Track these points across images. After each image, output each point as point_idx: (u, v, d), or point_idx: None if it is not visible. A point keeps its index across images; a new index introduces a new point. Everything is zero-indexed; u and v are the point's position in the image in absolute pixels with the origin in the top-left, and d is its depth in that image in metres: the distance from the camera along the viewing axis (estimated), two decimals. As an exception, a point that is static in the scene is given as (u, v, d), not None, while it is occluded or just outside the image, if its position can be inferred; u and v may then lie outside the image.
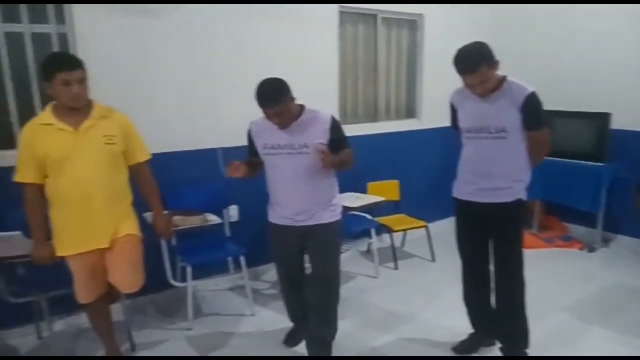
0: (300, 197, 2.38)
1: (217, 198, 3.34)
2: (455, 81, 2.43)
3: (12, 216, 2.62)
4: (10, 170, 2.25)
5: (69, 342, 2.84)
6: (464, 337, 2.75)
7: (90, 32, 2.86)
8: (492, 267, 2.53)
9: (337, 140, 2.34)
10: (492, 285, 2.56)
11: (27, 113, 2.79)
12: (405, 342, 2.86)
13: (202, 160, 3.36)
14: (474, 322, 2.71)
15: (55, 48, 2.86)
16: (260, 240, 3.33)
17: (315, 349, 2.56)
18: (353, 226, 3.73)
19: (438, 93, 4.44)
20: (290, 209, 2.42)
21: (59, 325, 2.97)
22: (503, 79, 2.31)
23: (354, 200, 3.55)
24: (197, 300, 3.32)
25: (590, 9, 4.29)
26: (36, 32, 2.82)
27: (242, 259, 3.15)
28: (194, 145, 3.32)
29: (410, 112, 4.65)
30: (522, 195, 2.40)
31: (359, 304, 3.30)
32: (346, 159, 2.38)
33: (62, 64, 2.09)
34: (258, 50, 3.49)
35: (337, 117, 4.19)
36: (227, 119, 3.41)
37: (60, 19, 2.86)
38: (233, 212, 3.46)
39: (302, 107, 2.36)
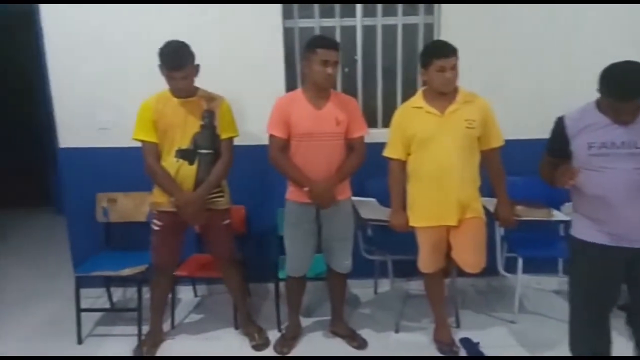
0: (633, 209, 1.86)
1: (555, 193, 3.09)
2: None
3: (369, 184, 3.05)
4: (371, 146, 2.58)
5: (401, 303, 3.14)
6: None
7: (454, 22, 3.02)
8: None
9: None
10: None
11: (390, 97, 3.18)
12: None
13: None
14: None
15: (421, 38, 3.16)
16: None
17: None
18: None
19: None
20: (623, 225, 1.89)
21: (394, 286, 3.30)
22: None
23: None
24: (520, 294, 3.20)
25: None
26: (405, 24, 3.16)
27: (579, 263, 2.85)
28: (541, 134, 3.15)
29: None
30: None
31: None
32: None
33: (440, 52, 2.27)
34: (624, 32, 3.03)
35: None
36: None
37: (429, 10, 3.12)
38: (569, 209, 3.15)
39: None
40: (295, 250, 2.55)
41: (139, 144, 2.49)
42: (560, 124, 2.03)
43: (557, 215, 2.92)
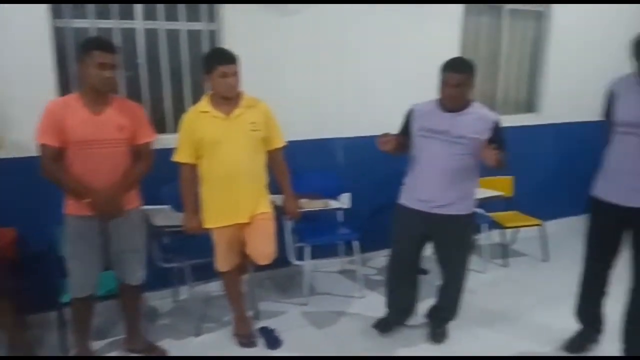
0: (442, 184, 2.48)
1: (333, 186, 3.53)
2: (584, 74, 2.34)
3: (163, 191, 2.99)
4: (162, 152, 2.56)
5: (202, 307, 3.17)
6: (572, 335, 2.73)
7: (236, 29, 3.14)
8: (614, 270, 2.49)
9: (496, 142, 2.34)
10: (609, 288, 2.53)
11: (179, 102, 3.17)
12: (511, 340, 2.86)
13: (322, 150, 3.58)
14: (583, 320, 2.66)
15: (206, 44, 3.20)
16: (368, 228, 3.47)
17: (436, 325, 2.84)
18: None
19: (563, 87, 4.28)
20: (429, 194, 2.51)
21: (194, 291, 3.25)
22: None
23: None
24: (310, 279, 3.53)
25: None
26: (190, 30, 3.17)
27: (356, 244, 3.32)
28: (317, 135, 3.53)
29: (530, 106, 4.49)
30: None
31: (466, 297, 3.25)
32: (504, 161, 2.36)
33: (222, 59, 2.37)
34: (380, 46, 3.60)
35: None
36: (349, 112, 3.58)
37: (212, 17, 3.19)
38: (346, 199, 3.62)
39: (472, 101, 2.49)
40: (78, 269, 2.34)
41: None
42: (411, 109, 2.60)
43: (333, 204, 3.33)
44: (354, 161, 3.66)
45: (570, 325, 2.72)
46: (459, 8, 3.82)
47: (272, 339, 2.79)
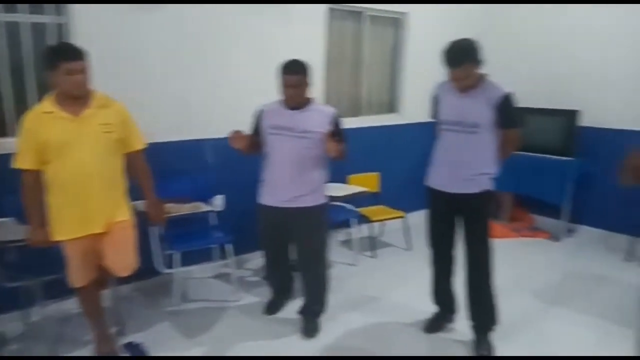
0: (291, 178, 2.65)
1: (204, 188, 3.43)
2: (436, 78, 2.60)
3: (4, 203, 2.68)
4: (2, 157, 2.30)
5: (57, 327, 2.88)
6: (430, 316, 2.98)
7: (88, 24, 2.91)
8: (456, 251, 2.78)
9: (336, 133, 2.61)
10: (454, 267, 2.81)
11: (21, 102, 2.85)
12: (379, 321, 3.07)
13: (190, 151, 3.47)
14: (438, 301, 2.92)
15: (53, 38, 2.91)
16: (243, 229, 3.45)
17: (308, 320, 2.93)
18: (334, 216, 3.83)
19: (418, 90, 4.64)
20: (280, 189, 2.69)
21: (47, 311, 2.98)
22: (482, 77, 2.47)
23: (337, 190, 3.68)
24: (182, 287, 3.40)
25: (566, 9, 4.60)
26: (34, 23, 2.86)
27: (229, 247, 3.27)
28: (184, 136, 3.41)
29: (391, 107, 4.82)
30: (489, 187, 2.57)
31: (338, 289, 3.38)
32: (345, 152, 2.62)
33: (67, 54, 2.17)
34: (247, 46, 3.60)
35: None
36: (217, 112, 3.52)
37: (59, 10, 2.91)
38: (219, 201, 3.55)
39: (312, 99, 2.71)
40: None
41: None
42: (260, 109, 2.77)
43: (205, 207, 3.24)
44: (227, 162, 3.60)
45: (427, 305, 2.96)
46: (322, 12, 3.95)
47: (139, 353, 2.63)
